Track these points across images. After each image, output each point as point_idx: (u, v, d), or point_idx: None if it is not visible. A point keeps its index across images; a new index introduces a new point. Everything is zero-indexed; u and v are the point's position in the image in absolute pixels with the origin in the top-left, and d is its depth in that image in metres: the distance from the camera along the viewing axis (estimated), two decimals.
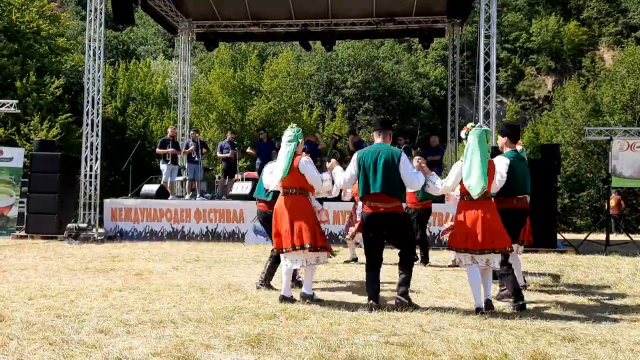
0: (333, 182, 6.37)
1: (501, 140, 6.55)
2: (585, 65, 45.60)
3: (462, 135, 6.00)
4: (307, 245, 5.90)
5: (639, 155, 13.43)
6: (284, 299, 6.06)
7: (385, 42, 49.93)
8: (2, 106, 15.46)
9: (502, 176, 5.99)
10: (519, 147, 6.53)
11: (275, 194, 6.56)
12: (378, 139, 6.09)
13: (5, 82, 22.23)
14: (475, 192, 5.64)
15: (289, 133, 6.30)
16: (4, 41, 22.96)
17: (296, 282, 6.95)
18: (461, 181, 5.84)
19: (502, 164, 6.10)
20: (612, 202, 18.35)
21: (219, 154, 15.84)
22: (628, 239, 13.55)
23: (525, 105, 49.48)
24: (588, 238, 13.15)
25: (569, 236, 15.52)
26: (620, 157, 13.51)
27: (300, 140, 6.29)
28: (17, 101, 16.19)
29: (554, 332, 4.92)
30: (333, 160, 6.49)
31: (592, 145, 27.26)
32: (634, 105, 28.66)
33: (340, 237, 12.07)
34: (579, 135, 26.96)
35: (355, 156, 6.04)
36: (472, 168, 5.70)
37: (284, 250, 6.06)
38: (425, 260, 9.61)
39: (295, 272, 6.85)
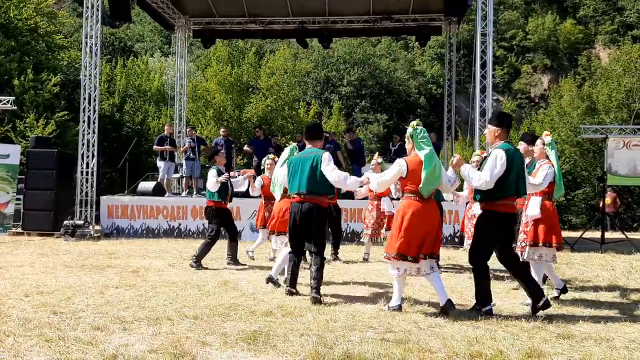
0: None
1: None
2: (581, 63, 45.56)
3: (548, 140, 6.48)
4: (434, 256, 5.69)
5: (634, 154, 13.49)
6: (400, 308, 5.64)
7: (382, 40, 49.85)
8: None
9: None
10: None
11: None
12: (505, 138, 5.76)
13: (2, 79, 22.16)
14: (560, 193, 6.48)
15: (423, 133, 5.67)
16: (1, 38, 22.88)
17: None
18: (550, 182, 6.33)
19: None
20: (608, 200, 18.40)
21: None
22: (623, 236, 13.60)
23: (521, 103, 49.45)
24: (583, 236, 13.19)
25: (564, 234, 15.51)
26: (616, 155, 13.56)
27: None
28: (14, 98, 16.17)
29: (549, 329, 4.94)
30: (458, 156, 5.96)
31: (588, 144, 27.30)
32: (630, 104, 28.70)
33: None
34: (575, 133, 27.02)
35: (502, 154, 5.47)
36: (559, 172, 6.41)
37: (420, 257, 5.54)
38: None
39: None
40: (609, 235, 14.25)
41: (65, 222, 12.98)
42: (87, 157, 13.56)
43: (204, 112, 27.35)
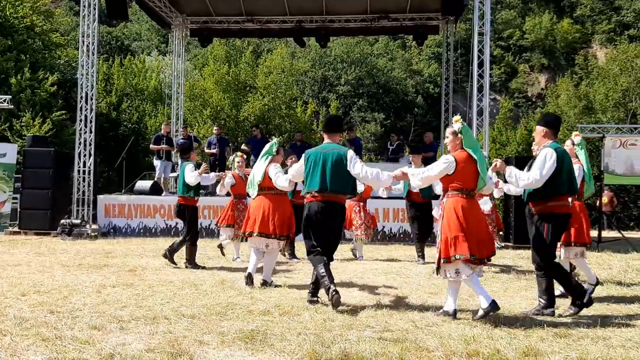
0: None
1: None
2: (578, 62, 45.74)
3: (578, 140, 6.59)
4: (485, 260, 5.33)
5: (631, 153, 13.52)
6: (494, 306, 5.14)
7: (380, 39, 49.90)
8: None
9: None
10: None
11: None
12: (553, 138, 5.68)
13: None
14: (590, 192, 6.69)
15: (471, 133, 5.51)
16: None
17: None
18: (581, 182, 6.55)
19: None
20: (605, 199, 18.43)
21: (206, 150, 15.75)
22: (620, 235, 13.63)
23: (518, 102, 49.53)
24: None
25: None
26: (613, 154, 13.60)
27: None
28: (10, 97, 16.14)
29: (546, 328, 4.94)
30: (500, 161, 5.72)
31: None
32: (627, 103, 28.77)
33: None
34: (572, 132, 27.05)
35: (552, 152, 5.42)
36: (590, 172, 6.53)
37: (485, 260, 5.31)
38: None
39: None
40: (605, 234, 14.27)
41: (62, 221, 12.96)
42: (84, 156, 13.54)
43: (201, 111, 27.32)
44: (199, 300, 5.97)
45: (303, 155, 6.13)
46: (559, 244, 6.28)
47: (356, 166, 5.78)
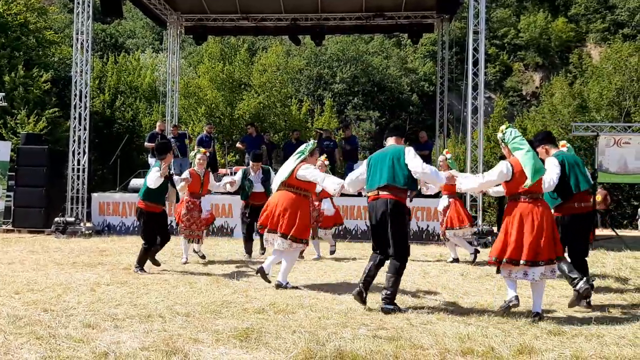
0: None
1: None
2: (573, 61, 45.91)
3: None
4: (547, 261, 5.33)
5: (624, 151, 13.57)
6: (516, 299, 5.33)
7: (375, 37, 49.95)
8: None
9: None
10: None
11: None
12: (555, 148, 6.14)
13: None
14: None
15: (516, 133, 5.49)
16: None
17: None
18: None
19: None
20: (599, 198, 18.49)
21: (196, 148, 15.64)
22: (613, 233, 13.67)
23: (513, 101, 49.70)
24: None
25: None
26: (607, 152, 13.64)
27: None
28: (3, 94, 16.06)
29: (540, 326, 4.96)
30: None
31: (579, 141, 27.42)
32: (621, 102, 28.87)
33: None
34: (566, 131, 27.14)
35: (554, 160, 5.90)
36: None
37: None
38: None
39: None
40: (599, 232, 14.32)
41: (56, 219, 12.92)
42: (78, 153, 13.48)
43: (196, 109, 27.27)
44: (193, 298, 5.97)
45: (366, 160, 6.04)
46: None
47: (415, 161, 5.62)
